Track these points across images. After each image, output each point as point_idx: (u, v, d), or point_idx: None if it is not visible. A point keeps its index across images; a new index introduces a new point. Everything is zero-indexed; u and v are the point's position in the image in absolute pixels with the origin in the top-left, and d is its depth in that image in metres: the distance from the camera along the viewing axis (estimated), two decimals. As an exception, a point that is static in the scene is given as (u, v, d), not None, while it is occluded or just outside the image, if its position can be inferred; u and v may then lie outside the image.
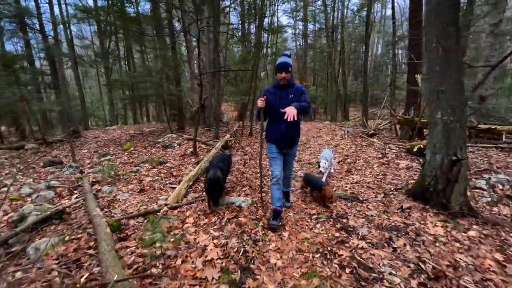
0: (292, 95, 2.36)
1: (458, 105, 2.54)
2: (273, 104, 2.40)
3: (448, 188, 2.60)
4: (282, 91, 2.41)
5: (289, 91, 2.39)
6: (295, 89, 2.40)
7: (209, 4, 6.01)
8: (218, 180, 2.84)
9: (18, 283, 1.76)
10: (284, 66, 2.32)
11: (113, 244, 2.07)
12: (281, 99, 2.38)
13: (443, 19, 2.52)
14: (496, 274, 1.73)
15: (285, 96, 2.38)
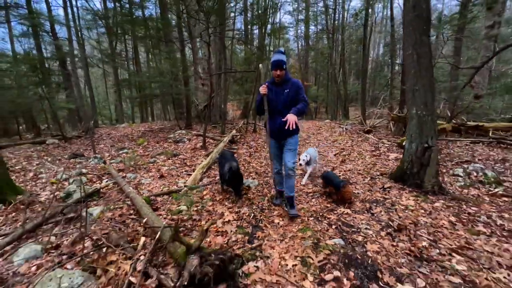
0: (287, 90, 2.46)
1: (430, 102, 3.10)
2: (271, 99, 2.51)
3: (421, 171, 3.15)
4: (277, 87, 2.50)
5: (285, 86, 2.48)
6: (291, 84, 2.48)
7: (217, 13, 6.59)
8: (238, 170, 3.06)
9: (84, 235, 2.34)
10: (278, 64, 2.37)
11: (151, 209, 2.65)
12: (277, 94, 2.49)
13: (418, 30, 3.08)
14: (447, 229, 2.29)
15: (280, 91, 2.48)
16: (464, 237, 2.16)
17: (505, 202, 3.12)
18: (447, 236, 2.18)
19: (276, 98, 2.48)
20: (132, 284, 1.57)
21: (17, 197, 3.25)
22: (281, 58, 2.37)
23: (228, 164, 3.12)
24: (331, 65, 14.79)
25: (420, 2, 3.00)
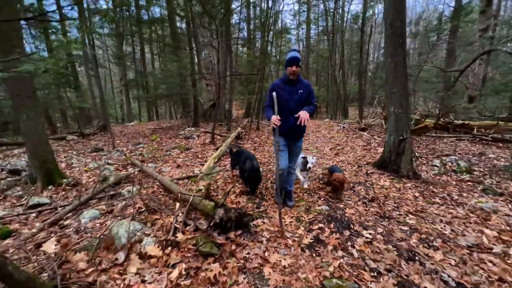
0: (301, 91, 2.53)
1: (404, 102, 3.78)
2: (283, 98, 2.50)
3: (398, 159, 3.84)
4: (291, 86, 2.54)
5: (298, 86, 2.54)
6: (304, 85, 2.57)
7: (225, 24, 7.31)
8: (258, 171, 3.17)
9: (126, 206, 3.04)
10: (294, 60, 2.44)
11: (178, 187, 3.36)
12: (291, 94, 2.53)
13: (394, 44, 3.77)
14: (410, 201, 2.98)
15: (294, 91, 2.53)
16: (421, 205, 2.85)
17: (468, 185, 3.80)
18: (408, 204, 2.87)
19: (290, 97, 2.52)
20: (177, 229, 2.28)
21: (62, 180, 3.97)
22: (297, 55, 2.47)
23: (249, 162, 3.16)
24: (331, 66, 15.47)
25: (395, 21, 3.69)
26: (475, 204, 2.95)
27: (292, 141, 2.72)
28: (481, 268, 1.82)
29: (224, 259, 1.92)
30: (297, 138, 2.71)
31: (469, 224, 2.48)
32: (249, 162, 3.17)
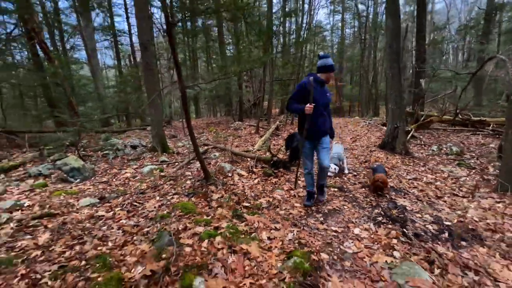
0: (328, 94, 2.77)
1: (398, 101, 5.52)
2: (315, 97, 2.60)
3: (393, 141, 5.59)
4: (322, 87, 2.71)
5: (326, 88, 2.77)
6: (327, 89, 2.81)
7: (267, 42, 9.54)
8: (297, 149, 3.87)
9: (211, 163, 5.35)
10: (331, 67, 2.66)
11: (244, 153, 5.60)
12: (321, 95, 2.68)
13: (392, 60, 5.52)
14: (391, 163, 4.79)
15: (323, 93, 2.71)
16: (397, 165, 4.66)
17: (449, 160, 5.40)
18: (388, 164, 4.70)
19: (320, 98, 2.65)
20: (252, 166, 4.47)
21: (169, 150, 6.50)
22: (332, 63, 2.69)
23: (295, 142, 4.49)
24: (362, 67, 16.71)
25: (393, 43, 5.45)
26: (438, 168, 4.65)
27: (317, 141, 2.80)
28: (415, 186, 3.67)
29: (277, 177, 4.06)
30: (321, 136, 2.78)
31: (420, 172, 4.26)
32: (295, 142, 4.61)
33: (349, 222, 2.63)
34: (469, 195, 3.36)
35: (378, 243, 2.24)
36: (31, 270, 1.69)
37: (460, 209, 2.91)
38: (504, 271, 1.88)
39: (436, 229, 2.45)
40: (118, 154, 6.29)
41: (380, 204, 3.02)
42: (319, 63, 2.70)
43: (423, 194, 3.38)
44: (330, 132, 2.95)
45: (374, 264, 1.95)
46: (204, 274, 1.74)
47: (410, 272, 1.77)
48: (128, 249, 2.00)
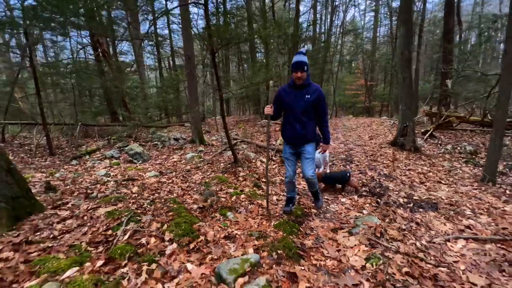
0: (309, 96, 2.40)
1: (409, 102, 6.13)
2: (289, 104, 2.44)
3: (403, 138, 6.21)
4: (298, 90, 2.43)
5: (306, 90, 2.42)
6: (313, 90, 2.43)
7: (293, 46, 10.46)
8: None
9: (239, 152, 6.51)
10: (299, 65, 2.32)
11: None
12: (297, 99, 2.42)
13: (403, 65, 6.14)
14: (400, 159, 5.49)
15: (300, 96, 2.41)
16: (404, 161, 5.35)
17: (458, 158, 5.89)
18: (399, 160, 5.41)
19: (295, 103, 2.44)
20: (272, 156, 5.53)
21: (205, 142, 7.84)
22: (302, 59, 2.34)
23: None
24: (393, 67, 16.64)
25: (405, 51, 6.07)
26: (440, 164, 5.24)
27: (298, 147, 2.59)
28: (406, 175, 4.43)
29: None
30: (303, 143, 2.56)
31: (418, 165, 4.93)
32: None
33: (339, 194, 3.57)
34: (451, 183, 4.04)
35: (355, 206, 3.17)
36: (136, 201, 2.98)
37: (434, 191, 3.66)
38: (440, 225, 2.71)
39: (404, 201, 3.29)
40: (165, 144, 7.80)
41: (368, 184, 3.89)
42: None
43: (410, 180, 4.14)
44: (322, 138, 2.70)
45: (346, 216, 2.91)
46: (233, 211, 2.87)
47: (368, 219, 2.70)
48: (186, 197, 3.23)
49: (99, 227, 2.37)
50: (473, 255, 2.19)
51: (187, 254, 2.05)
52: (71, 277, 1.64)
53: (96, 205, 2.85)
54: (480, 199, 3.45)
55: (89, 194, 3.26)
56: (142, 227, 2.35)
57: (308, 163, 2.58)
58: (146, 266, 1.83)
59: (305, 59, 2.38)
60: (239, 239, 2.34)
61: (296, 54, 2.41)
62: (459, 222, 2.81)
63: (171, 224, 2.37)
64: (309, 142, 2.57)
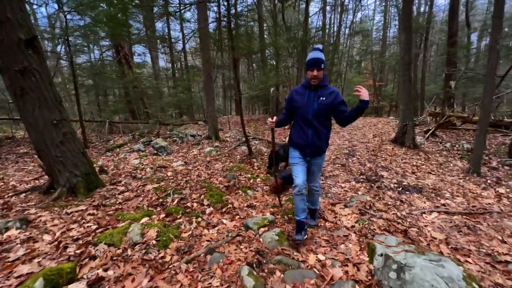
0: (324, 98, 2.15)
1: (408, 103, 6.72)
2: (300, 105, 2.21)
3: (403, 136, 6.80)
4: (312, 91, 2.19)
5: (321, 92, 2.17)
6: (329, 92, 2.17)
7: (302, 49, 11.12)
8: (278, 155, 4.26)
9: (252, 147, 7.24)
10: (316, 62, 2.06)
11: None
12: (310, 100, 2.18)
13: (404, 69, 6.73)
14: (394, 153, 6.10)
15: (314, 97, 2.17)
16: (396, 154, 5.96)
17: (455, 155, 6.44)
18: (388, 153, 6.02)
19: (308, 105, 2.19)
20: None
21: (221, 139, 8.61)
22: (319, 56, 2.08)
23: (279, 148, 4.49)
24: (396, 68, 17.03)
25: (405, 55, 6.66)
26: (435, 158, 5.82)
27: (308, 157, 2.32)
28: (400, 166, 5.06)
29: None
30: (316, 154, 2.30)
31: (414, 159, 5.54)
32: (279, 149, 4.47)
33: (340, 181, 4.25)
34: (440, 173, 4.65)
35: (353, 189, 3.84)
36: (173, 181, 3.75)
37: (423, 179, 4.29)
38: (421, 203, 3.36)
39: (394, 186, 3.95)
40: (183, 140, 8.62)
41: (365, 173, 4.55)
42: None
43: (403, 171, 4.77)
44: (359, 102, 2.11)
45: (344, 195, 3.59)
46: (251, 189, 3.61)
47: (361, 197, 3.38)
48: (213, 179, 3.98)
49: (151, 197, 3.15)
50: (441, 222, 2.84)
51: (221, 214, 2.80)
52: (146, 222, 2.41)
53: (143, 183, 3.64)
54: (461, 186, 4.05)
55: (135, 176, 4.06)
56: (185, 197, 3.11)
57: (318, 174, 2.49)
58: (194, 219, 2.59)
59: (322, 56, 2.11)
60: (258, 207, 3.08)
61: (312, 50, 2.16)
62: (437, 201, 3.45)
63: (206, 195, 3.12)
64: (322, 153, 2.34)
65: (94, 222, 2.47)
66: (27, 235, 2.21)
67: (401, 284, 1.67)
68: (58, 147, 3.00)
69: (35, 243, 2.11)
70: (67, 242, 2.11)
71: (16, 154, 6.56)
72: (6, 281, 1.66)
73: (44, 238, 2.19)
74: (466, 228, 2.71)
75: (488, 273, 1.94)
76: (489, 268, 2.00)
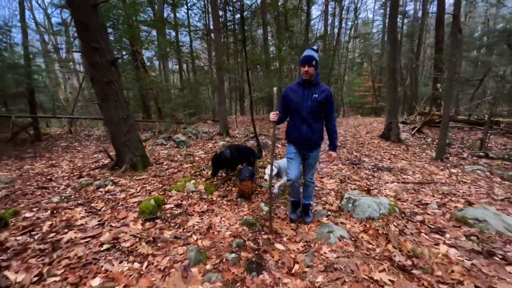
0: (317, 95, 2.34)
1: (393, 103, 7.96)
2: (296, 102, 2.39)
3: (388, 132, 8.03)
4: (306, 88, 2.38)
5: (314, 90, 2.37)
6: (321, 89, 2.37)
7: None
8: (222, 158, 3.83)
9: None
10: (308, 59, 2.28)
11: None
12: (305, 97, 2.37)
13: (390, 74, 7.96)
14: (379, 144, 7.34)
15: (309, 95, 2.36)
16: (380, 145, 7.20)
17: (432, 147, 7.65)
18: (375, 145, 7.26)
19: (302, 102, 2.38)
20: (284, 143, 7.50)
21: (230, 135, 9.90)
22: (311, 54, 2.31)
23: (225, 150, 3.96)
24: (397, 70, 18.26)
25: (391, 62, 7.90)
26: (413, 150, 7.05)
27: (304, 151, 2.53)
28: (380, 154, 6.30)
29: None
30: (311, 148, 2.51)
31: (394, 150, 6.77)
32: (224, 148, 4.02)
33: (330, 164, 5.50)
34: (411, 160, 5.89)
35: (339, 169, 5.09)
36: (203, 162, 5.03)
37: (395, 163, 5.53)
38: (387, 178, 4.60)
39: (371, 167, 5.19)
40: (198, 136, 9.92)
41: (351, 159, 5.80)
42: None
43: (381, 157, 6.01)
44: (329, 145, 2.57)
45: (332, 173, 4.84)
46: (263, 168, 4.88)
47: (343, 173, 4.63)
48: (231, 162, 5.26)
49: (190, 171, 4.44)
50: (397, 187, 4.08)
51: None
52: (195, 182, 3.69)
53: (180, 164, 4.94)
54: (424, 168, 5.28)
55: (172, 160, 5.36)
56: (215, 171, 4.39)
57: (312, 167, 2.65)
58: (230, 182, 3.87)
59: (315, 55, 2.33)
60: (268, 178, 4.33)
61: (306, 49, 2.39)
62: (400, 176, 4.69)
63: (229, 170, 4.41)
64: (316, 147, 2.55)
65: (159, 183, 3.77)
66: (120, 189, 3.51)
67: (353, 207, 2.94)
68: (126, 135, 4.31)
69: (128, 191, 3.41)
70: (147, 189, 3.41)
71: (60, 147, 7.91)
72: (126, 204, 2.95)
73: (131, 190, 3.49)
74: (413, 190, 3.95)
75: (412, 208, 3.19)
76: (414, 207, 3.25)
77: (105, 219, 2.53)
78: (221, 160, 3.81)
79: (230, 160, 3.89)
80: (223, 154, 3.87)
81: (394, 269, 1.93)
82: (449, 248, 2.19)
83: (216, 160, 3.78)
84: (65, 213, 2.63)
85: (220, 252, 2.15)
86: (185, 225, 2.57)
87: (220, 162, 3.81)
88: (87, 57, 3.85)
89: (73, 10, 3.70)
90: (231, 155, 3.88)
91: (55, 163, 5.46)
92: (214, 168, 3.82)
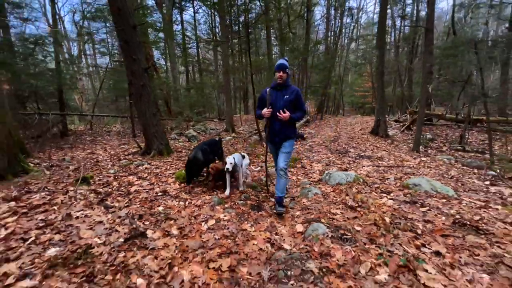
0: (287, 96, 2.87)
1: (381, 103, 9.02)
2: (270, 102, 2.90)
3: (377, 128, 9.09)
4: (278, 91, 2.92)
5: (285, 91, 2.90)
6: (291, 91, 2.90)
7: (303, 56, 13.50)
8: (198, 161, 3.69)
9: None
10: (282, 66, 2.84)
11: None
12: (277, 98, 2.90)
13: (379, 78, 9.02)
14: (366, 138, 8.41)
15: (280, 96, 2.89)
16: (368, 140, 8.26)
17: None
18: (363, 140, 8.32)
19: (276, 102, 2.89)
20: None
21: (236, 131, 11.03)
22: (284, 62, 2.89)
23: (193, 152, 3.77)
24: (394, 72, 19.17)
25: (380, 66, 8.95)
26: (397, 144, 8.09)
27: (279, 144, 3.02)
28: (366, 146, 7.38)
29: (296, 142, 8.14)
30: (283, 139, 2.97)
31: (380, 143, 7.83)
32: (192, 152, 3.80)
33: (321, 154, 6.59)
34: (391, 151, 6.96)
35: (327, 157, 6.18)
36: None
37: (376, 153, 6.61)
38: (366, 163, 5.68)
39: (354, 155, 6.28)
40: (206, 132, 11.08)
41: (339, 150, 6.89)
42: None
43: (365, 148, 7.09)
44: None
45: (321, 159, 5.94)
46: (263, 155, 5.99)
47: (330, 159, 5.72)
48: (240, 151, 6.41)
49: (205, 156, 5.58)
50: (371, 169, 5.16)
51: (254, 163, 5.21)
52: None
53: (196, 152, 6.08)
54: (399, 156, 6.34)
55: (189, 149, 6.50)
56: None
57: (283, 155, 2.97)
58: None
59: (286, 63, 2.91)
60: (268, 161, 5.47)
61: (280, 59, 2.99)
62: (377, 162, 5.76)
63: (237, 155, 5.54)
64: (288, 139, 2.98)
65: (182, 163, 4.90)
66: (154, 167, 4.66)
67: (328, 178, 4.05)
68: (154, 127, 5.46)
69: (161, 168, 4.55)
70: (175, 167, 4.56)
71: (86, 141, 9.13)
72: (163, 174, 4.09)
73: (162, 167, 4.63)
74: (382, 171, 5.03)
75: (374, 181, 4.27)
76: (376, 180, 4.32)
77: (153, 182, 3.68)
78: (198, 164, 3.70)
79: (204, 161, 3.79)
80: (196, 158, 3.67)
81: (346, 207, 3.04)
82: (387, 200, 3.28)
83: (191, 167, 3.64)
84: (123, 178, 3.79)
85: (234, 200, 3.29)
86: (207, 186, 3.71)
87: (197, 166, 3.70)
88: (128, 65, 5.02)
89: (118, 30, 4.87)
90: (204, 155, 3.77)
91: (92, 152, 6.64)
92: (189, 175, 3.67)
